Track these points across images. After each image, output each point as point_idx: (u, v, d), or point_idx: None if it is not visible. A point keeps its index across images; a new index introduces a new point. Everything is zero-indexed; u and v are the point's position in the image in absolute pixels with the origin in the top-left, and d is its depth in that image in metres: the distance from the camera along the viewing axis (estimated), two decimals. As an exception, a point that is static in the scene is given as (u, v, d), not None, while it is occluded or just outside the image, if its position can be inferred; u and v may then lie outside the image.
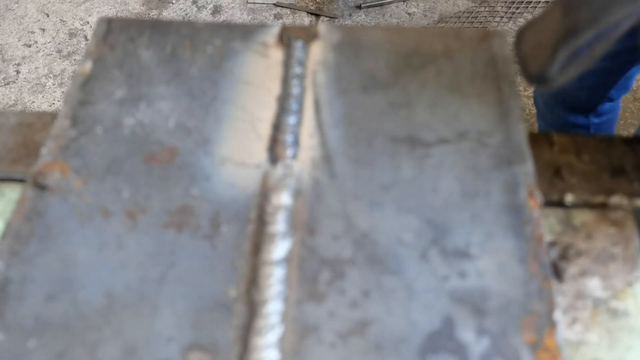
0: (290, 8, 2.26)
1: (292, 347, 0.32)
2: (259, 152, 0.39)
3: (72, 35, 2.25)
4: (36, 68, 2.13)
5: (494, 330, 0.32)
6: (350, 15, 2.25)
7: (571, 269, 0.39)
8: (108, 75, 0.43)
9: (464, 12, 2.26)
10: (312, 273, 0.34)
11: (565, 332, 0.37)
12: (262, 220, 0.36)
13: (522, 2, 2.29)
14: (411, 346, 0.32)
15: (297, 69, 0.43)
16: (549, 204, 0.41)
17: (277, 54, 0.45)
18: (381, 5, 2.26)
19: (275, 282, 0.34)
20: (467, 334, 0.32)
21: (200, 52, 0.44)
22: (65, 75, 2.10)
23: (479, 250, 0.35)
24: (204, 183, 0.38)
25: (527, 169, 0.38)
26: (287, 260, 0.35)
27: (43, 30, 2.27)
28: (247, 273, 0.34)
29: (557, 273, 0.38)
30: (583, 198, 0.41)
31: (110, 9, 2.29)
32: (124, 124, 0.41)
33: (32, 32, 2.23)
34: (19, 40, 2.23)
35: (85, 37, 2.26)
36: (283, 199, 0.37)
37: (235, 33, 0.46)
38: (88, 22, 2.29)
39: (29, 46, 2.19)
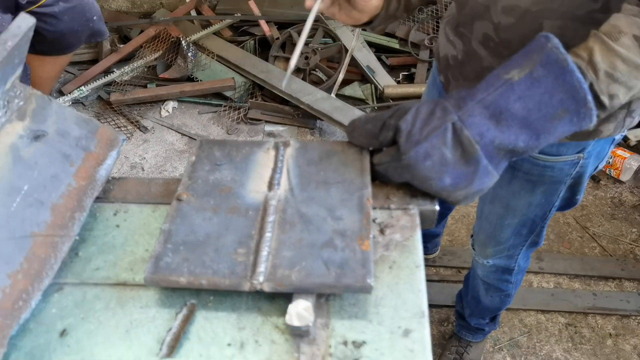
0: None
1: (274, 247, 0.82)
2: (264, 187, 0.92)
3: (132, 167, 2.84)
4: (106, 192, 2.69)
5: (347, 240, 0.83)
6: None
7: (388, 231, 0.90)
8: (202, 161, 0.97)
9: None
10: (283, 225, 0.86)
11: (384, 252, 0.87)
12: (265, 209, 0.88)
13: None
14: (317, 246, 0.82)
15: (281, 158, 0.97)
16: (383, 208, 0.93)
17: (272, 152, 0.99)
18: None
19: (269, 228, 0.85)
20: (338, 242, 0.83)
21: (240, 152, 0.99)
22: (127, 196, 2.67)
23: (346, 217, 0.86)
24: (242, 198, 0.91)
25: (368, 191, 0.90)
26: (274, 222, 0.86)
27: (112, 164, 2.87)
28: (259, 226, 0.86)
29: (382, 232, 0.89)
30: (397, 206, 0.93)
31: (161, 148, 2.90)
32: (209, 179, 0.94)
33: (104, 166, 2.83)
34: (94, 172, 2.81)
35: (142, 168, 2.85)
36: (273, 202, 0.89)
37: (254, 145, 1.01)
38: (145, 158, 2.88)
39: (101, 176, 2.78)
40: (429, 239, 2.30)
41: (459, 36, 1.09)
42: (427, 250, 2.38)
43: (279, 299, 0.82)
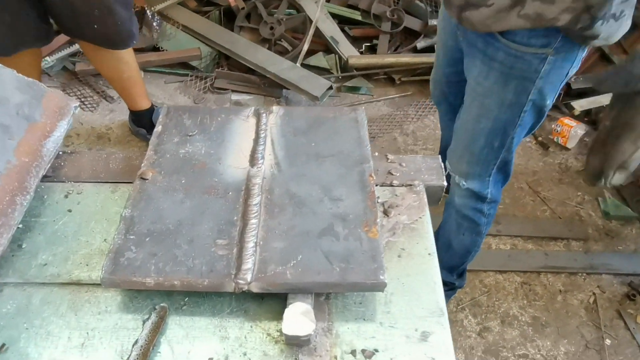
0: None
1: (262, 236, 0.60)
2: (245, 162, 0.70)
3: (99, 137, 2.53)
4: (73, 162, 2.38)
5: (350, 226, 0.61)
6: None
7: (394, 212, 0.69)
8: (169, 132, 0.73)
9: (385, 115, 2.63)
10: (271, 208, 0.64)
11: (390, 238, 0.66)
12: (248, 189, 0.66)
13: (426, 108, 2.67)
14: (314, 233, 0.61)
15: (263, 126, 0.74)
16: (384, 185, 0.72)
17: (252, 120, 0.76)
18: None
19: (254, 212, 0.63)
20: (339, 228, 0.61)
21: (214, 120, 0.75)
22: (95, 166, 2.37)
23: (345, 197, 0.65)
24: (220, 176, 0.68)
25: (370, 165, 0.69)
26: (259, 204, 0.64)
27: (78, 134, 2.55)
28: (242, 210, 0.63)
29: (386, 213, 0.68)
30: (401, 182, 0.72)
31: (126, 116, 2.61)
32: (179, 153, 0.70)
33: (70, 136, 2.50)
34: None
35: (109, 139, 2.55)
36: (257, 180, 0.67)
37: (231, 111, 0.77)
38: (111, 128, 2.58)
39: (67, 146, 2.47)
40: None
41: None
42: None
43: (270, 299, 0.60)
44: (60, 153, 0.74)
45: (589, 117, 2.73)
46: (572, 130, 2.60)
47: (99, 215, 0.68)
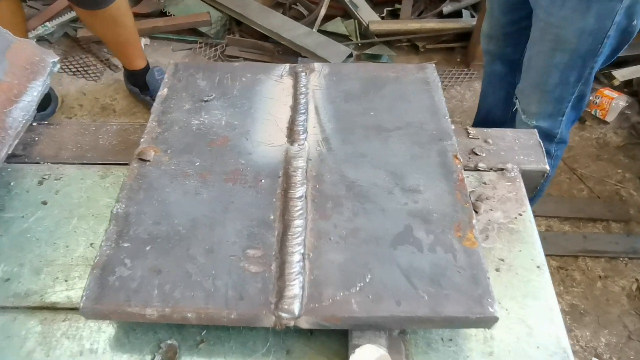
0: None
1: (311, 245, 0.42)
2: (281, 138, 0.50)
3: (103, 109, 2.35)
4: (75, 135, 2.20)
5: (436, 231, 0.43)
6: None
7: (484, 207, 0.50)
8: (178, 95, 0.54)
9: (408, 85, 2.42)
10: (321, 204, 0.45)
11: (482, 243, 0.47)
12: (288, 175, 0.47)
13: (452, 77, 2.46)
14: (386, 241, 0.42)
15: (302, 89, 0.55)
16: (469, 169, 0.53)
17: (288, 81, 0.56)
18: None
19: (298, 209, 0.44)
20: (420, 234, 0.42)
21: (237, 81, 0.56)
22: (99, 140, 2.19)
23: (424, 187, 0.46)
24: (248, 156, 0.49)
25: (452, 143, 0.50)
26: (305, 197, 0.45)
27: (81, 105, 2.37)
28: (280, 205, 0.45)
29: (475, 209, 0.50)
30: (489, 165, 0.53)
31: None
32: (191, 124, 0.51)
33: (73, 107, 2.33)
34: (62, 114, 2.32)
35: (114, 110, 2.36)
36: (300, 163, 0.48)
37: (260, 69, 0.58)
38: (116, 99, 2.39)
39: (70, 118, 2.29)
40: None
41: None
42: None
43: (322, 333, 0.42)
44: (34, 125, 0.56)
45: (629, 88, 2.51)
46: (612, 103, 2.38)
47: (84, 209, 0.50)
